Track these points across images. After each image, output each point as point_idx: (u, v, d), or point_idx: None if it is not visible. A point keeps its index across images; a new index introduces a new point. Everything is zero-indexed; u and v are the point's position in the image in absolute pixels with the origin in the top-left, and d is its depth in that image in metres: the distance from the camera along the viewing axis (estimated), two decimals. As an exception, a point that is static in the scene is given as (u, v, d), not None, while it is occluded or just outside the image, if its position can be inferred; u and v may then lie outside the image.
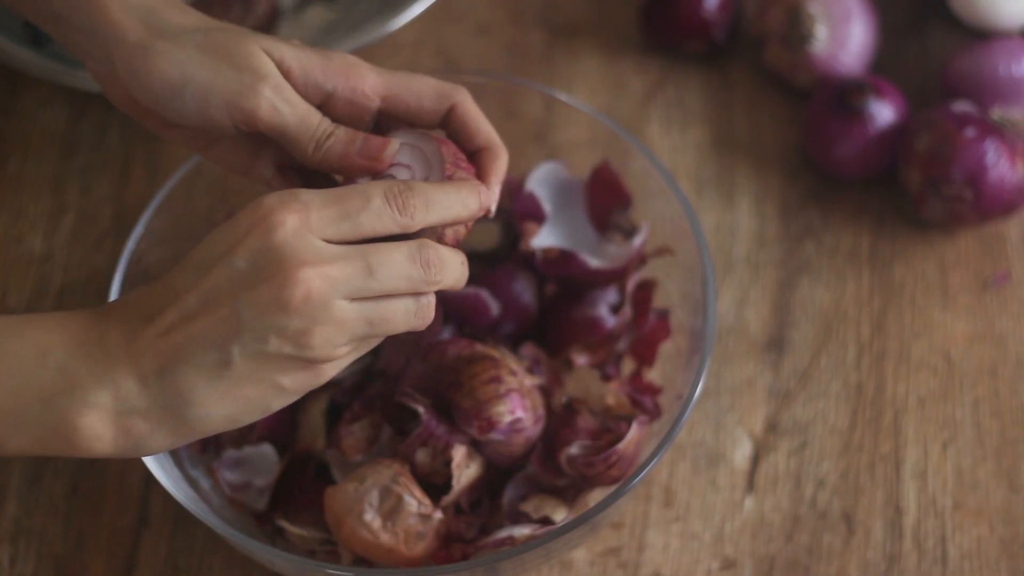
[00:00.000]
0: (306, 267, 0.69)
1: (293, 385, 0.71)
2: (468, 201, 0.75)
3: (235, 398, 0.70)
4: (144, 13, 0.76)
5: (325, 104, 0.78)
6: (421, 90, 0.79)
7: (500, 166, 0.79)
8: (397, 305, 0.72)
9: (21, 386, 0.69)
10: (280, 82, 0.76)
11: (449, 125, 0.79)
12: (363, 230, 0.71)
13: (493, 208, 0.77)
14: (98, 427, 0.69)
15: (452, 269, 0.74)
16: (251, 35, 0.77)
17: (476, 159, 0.79)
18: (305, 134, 0.76)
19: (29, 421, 0.69)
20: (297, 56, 0.77)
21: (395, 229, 0.72)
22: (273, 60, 0.76)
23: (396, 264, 0.71)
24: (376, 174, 0.76)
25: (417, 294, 0.73)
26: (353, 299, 0.70)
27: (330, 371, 0.72)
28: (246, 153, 0.80)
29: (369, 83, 0.78)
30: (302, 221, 0.69)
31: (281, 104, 0.76)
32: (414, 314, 0.73)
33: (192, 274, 0.70)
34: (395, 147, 0.76)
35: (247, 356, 0.69)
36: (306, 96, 0.77)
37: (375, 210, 0.71)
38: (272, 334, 0.69)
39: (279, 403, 0.71)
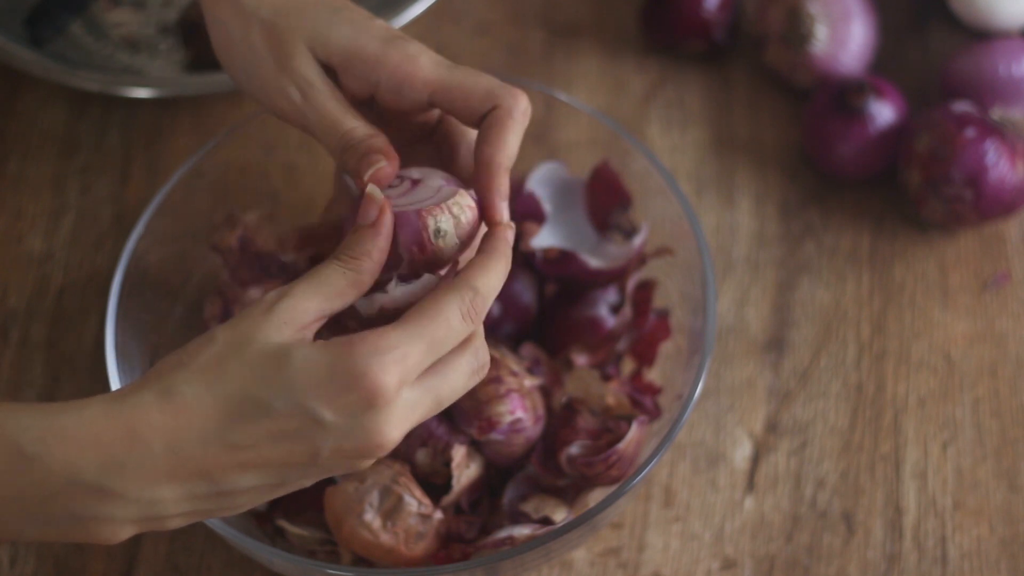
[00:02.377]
0: (396, 430, 0.68)
1: (363, 465, 0.70)
2: (506, 269, 0.74)
3: (272, 496, 0.70)
4: None
5: (377, 92, 0.77)
6: (472, 88, 0.77)
7: (499, 184, 0.77)
8: (456, 368, 0.71)
9: (47, 497, 0.66)
10: (312, 86, 0.76)
11: (480, 125, 0.77)
12: (444, 352, 0.70)
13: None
14: (118, 532, 0.68)
15: (487, 349, 0.73)
16: (309, 24, 0.76)
17: (476, 161, 0.77)
18: (330, 141, 0.76)
19: (53, 526, 0.68)
20: (348, 49, 0.76)
21: (463, 339, 0.71)
22: (319, 58, 0.76)
23: (461, 387, 0.71)
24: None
25: (474, 359, 0.72)
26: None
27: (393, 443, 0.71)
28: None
29: (421, 76, 0.76)
30: (402, 379, 0.68)
31: (308, 111, 0.76)
32: (472, 374, 0.72)
33: (267, 407, 0.67)
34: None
35: (308, 478, 0.69)
36: (354, 89, 0.77)
37: (455, 333, 0.70)
38: (339, 471, 0.69)
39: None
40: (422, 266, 0.73)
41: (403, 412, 0.68)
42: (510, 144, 0.76)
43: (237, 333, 0.68)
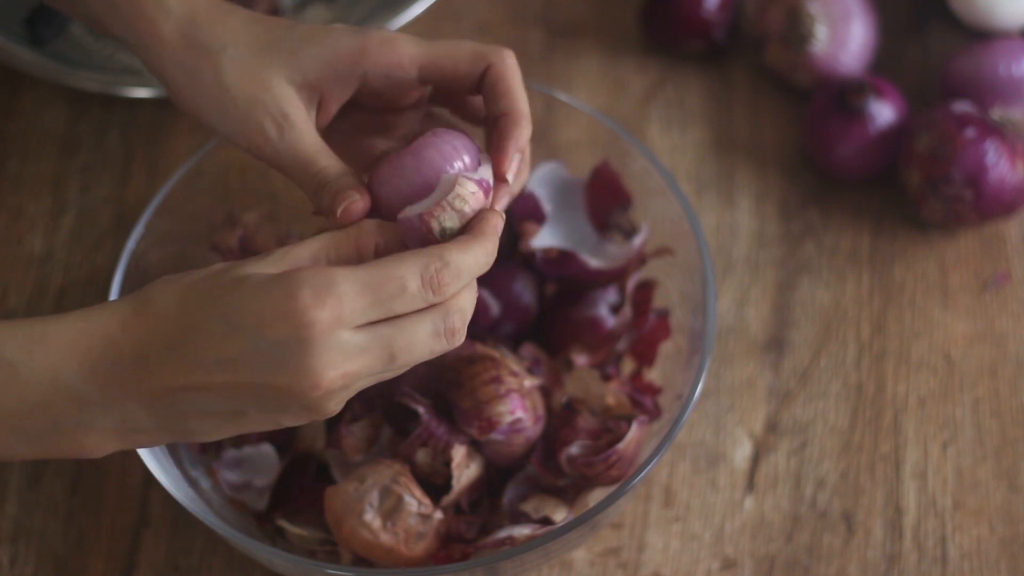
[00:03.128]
0: (330, 369, 0.68)
1: (293, 422, 0.71)
2: (490, 252, 0.73)
3: (235, 431, 0.71)
4: (184, 24, 0.77)
5: (364, 86, 0.78)
6: (457, 54, 0.77)
7: (519, 135, 0.77)
8: (418, 327, 0.70)
9: (31, 407, 0.69)
10: (287, 120, 0.77)
11: (483, 89, 0.78)
12: (394, 313, 0.69)
13: (511, 180, 0.76)
14: (101, 443, 0.71)
15: (469, 312, 0.72)
16: (282, 54, 0.77)
17: (495, 126, 0.77)
18: (304, 180, 0.77)
19: (36, 437, 0.70)
20: (325, 58, 0.77)
21: (424, 306, 0.70)
22: (298, 83, 0.77)
23: (420, 344, 0.70)
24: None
25: (434, 319, 0.71)
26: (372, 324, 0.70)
27: (330, 412, 0.71)
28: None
29: (406, 56, 0.77)
30: (335, 318, 0.68)
31: (282, 149, 0.77)
32: (436, 336, 0.71)
33: (216, 326, 0.69)
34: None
35: (262, 411, 0.70)
36: (340, 96, 0.78)
37: (410, 296, 0.69)
38: (293, 404, 0.69)
39: (273, 428, 0.72)
40: None
41: (340, 354, 0.68)
42: (521, 92, 0.77)
43: (232, 264, 0.71)
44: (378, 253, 0.72)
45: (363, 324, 0.69)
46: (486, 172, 0.75)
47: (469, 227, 0.73)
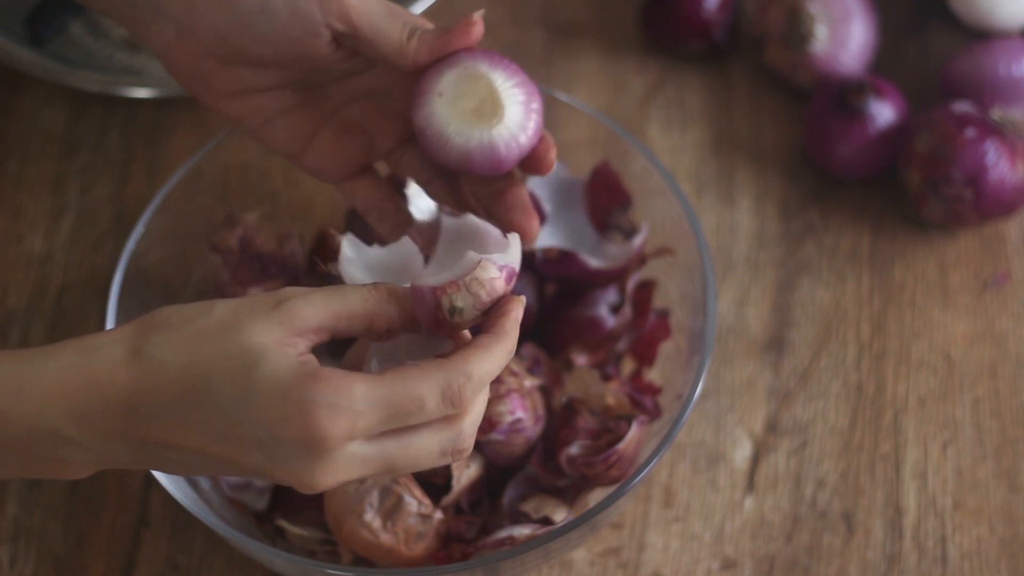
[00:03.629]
0: (329, 476, 0.67)
1: (287, 483, 0.70)
2: (510, 352, 0.70)
3: (219, 474, 0.72)
4: None
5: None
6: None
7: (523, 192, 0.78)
8: (420, 442, 0.69)
9: (11, 441, 0.68)
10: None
11: None
12: (407, 425, 0.68)
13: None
14: (81, 470, 0.70)
15: (479, 420, 0.71)
16: None
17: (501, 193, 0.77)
18: (397, 23, 0.74)
19: (17, 465, 0.70)
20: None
21: (439, 417, 0.68)
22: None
23: (424, 461, 0.69)
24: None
25: (441, 438, 0.69)
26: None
27: (326, 486, 0.70)
28: (307, 126, 0.78)
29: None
30: (347, 433, 0.66)
31: (362, 24, 0.74)
32: (440, 453, 0.69)
33: (223, 405, 0.67)
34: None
35: (245, 473, 0.69)
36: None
37: (427, 413, 0.67)
38: (273, 483, 0.70)
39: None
40: (441, 334, 0.71)
41: (342, 465, 0.67)
42: None
43: (233, 316, 0.67)
44: (390, 330, 0.70)
45: (373, 435, 0.67)
46: (512, 258, 0.71)
47: (490, 322, 0.70)
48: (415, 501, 0.82)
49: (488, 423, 0.83)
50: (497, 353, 0.69)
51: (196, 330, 0.68)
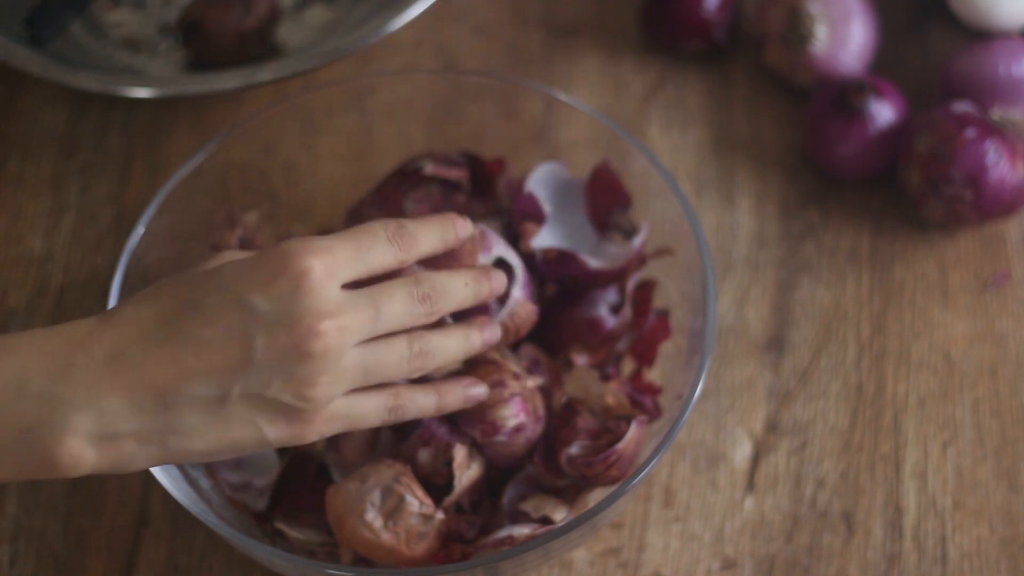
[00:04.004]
0: (328, 319, 0.71)
1: (275, 437, 0.73)
2: (446, 232, 0.79)
3: (219, 437, 0.72)
4: None
5: None
6: None
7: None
8: (392, 349, 0.75)
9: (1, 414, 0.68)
10: None
11: None
12: (373, 267, 0.74)
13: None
14: (78, 452, 0.69)
15: (454, 294, 0.78)
16: None
17: None
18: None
19: (8, 451, 0.69)
20: None
21: (394, 264, 0.76)
22: None
23: (399, 302, 0.75)
24: None
25: (410, 339, 0.76)
26: (358, 344, 0.73)
27: (311, 435, 0.74)
28: None
29: None
30: (327, 267, 0.71)
31: None
32: (407, 360, 0.76)
33: (207, 302, 0.70)
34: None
35: (245, 397, 0.71)
36: None
37: (381, 246, 0.74)
38: (277, 378, 0.71)
39: (255, 451, 0.74)
40: None
41: (334, 305, 0.71)
42: None
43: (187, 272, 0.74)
44: None
45: (349, 282, 0.72)
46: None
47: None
48: (416, 501, 0.82)
49: (491, 427, 0.83)
50: (429, 223, 0.78)
51: (154, 287, 0.72)
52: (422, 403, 0.79)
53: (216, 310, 0.70)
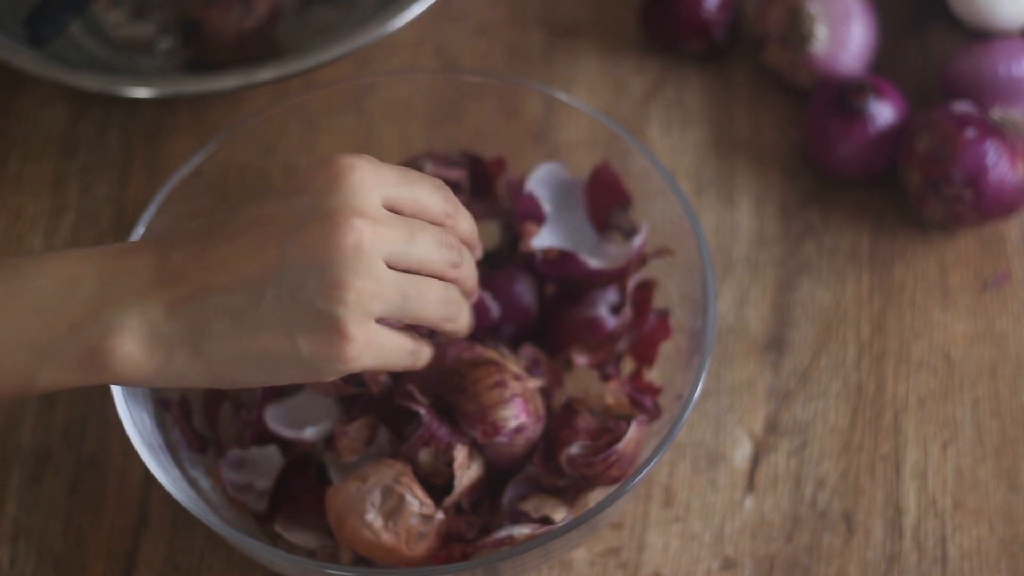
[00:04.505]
0: (363, 217, 0.70)
1: (308, 351, 0.71)
2: (475, 231, 0.81)
3: (251, 344, 0.71)
4: None
5: None
6: None
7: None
8: (431, 285, 0.74)
9: (50, 318, 0.69)
10: None
11: None
12: (416, 200, 0.74)
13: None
14: (125, 351, 0.70)
15: (468, 263, 0.78)
16: None
17: None
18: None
19: (59, 352, 0.69)
20: None
21: (435, 211, 0.76)
22: None
23: (430, 237, 0.74)
24: None
25: (446, 284, 0.76)
26: (392, 266, 0.72)
27: (346, 357, 0.71)
28: None
29: None
30: (371, 173, 0.72)
31: None
32: (444, 302, 0.75)
33: (241, 213, 0.72)
34: None
35: (278, 299, 0.70)
36: None
37: (427, 188, 0.76)
38: (311, 278, 0.70)
39: (289, 370, 0.72)
40: None
41: (372, 208, 0.72)
42: None
43: None
44: None
45: (389, 206, 0.73)
46: None
47: None
48: (417, 501, 0.82)
49: (492, 427, 0.83)
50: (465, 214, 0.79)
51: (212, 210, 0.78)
52: (427, 355, 0.79)
53: (256, 214, 0.71)
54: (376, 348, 0.72)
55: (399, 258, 0.72)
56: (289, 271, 0.70)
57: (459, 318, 0.78)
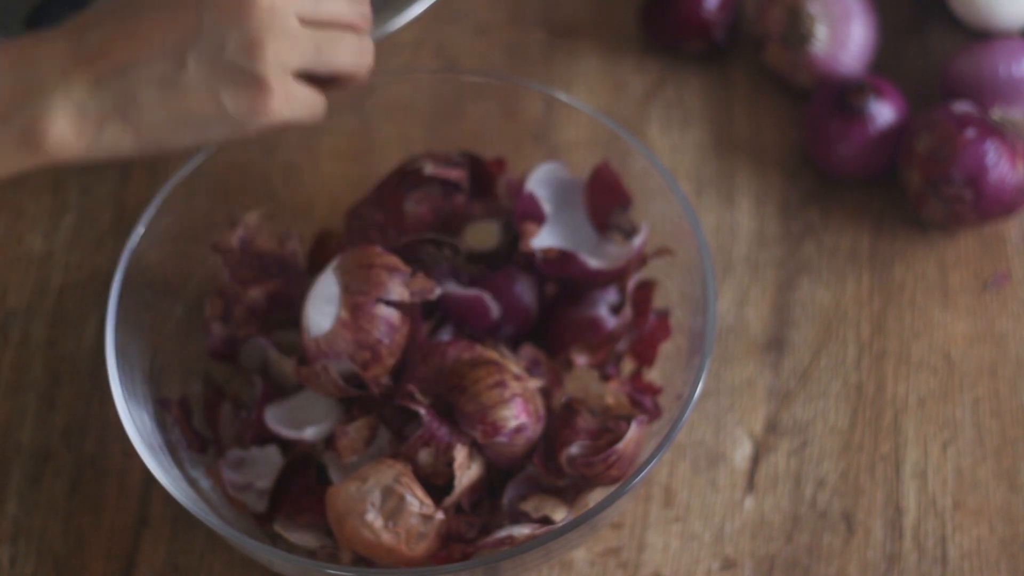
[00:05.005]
0: (275, 41, 0.74)
1: (234, 107, 0.75)
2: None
3: (178, 107, 0.75)
4: None
5: None
6: None
7: None
8: (342, 37, 0.78)
9: None
10: None
11: None
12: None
13: None
14: (59, 130, 0.73)
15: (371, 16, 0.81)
16: None
17: None
18: None
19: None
20: None
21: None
22: None
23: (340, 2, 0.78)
24: None
25: (357, 32, 0.79)
26: (305, 21, 0.76)
27: (271, 109, 0.75)
28: None
29: None
30: None
31: None
32: (357, 52, 0.78)
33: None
34: None
35: (200, 63, 0.74)
36: None
37: None
38: (230, 40, 0.73)
39: (215, 127, 0.75)
40: None
41: (279, 29, 0.74)
42: None
43: None
44: None
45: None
46: None
47: None
48: (417, 501, 0.82)
49: (492, 427, 0.83)
50: None
51: None
52: (325, 106, 0.81)
53: None
54: (294, 100, 0.76)
55: (310, 13, 0.76)
56: (208, 35, 0.73)
57: (368, 64, 0.81)
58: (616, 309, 0.91)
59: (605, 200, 0.92)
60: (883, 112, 1.00)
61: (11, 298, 0.98)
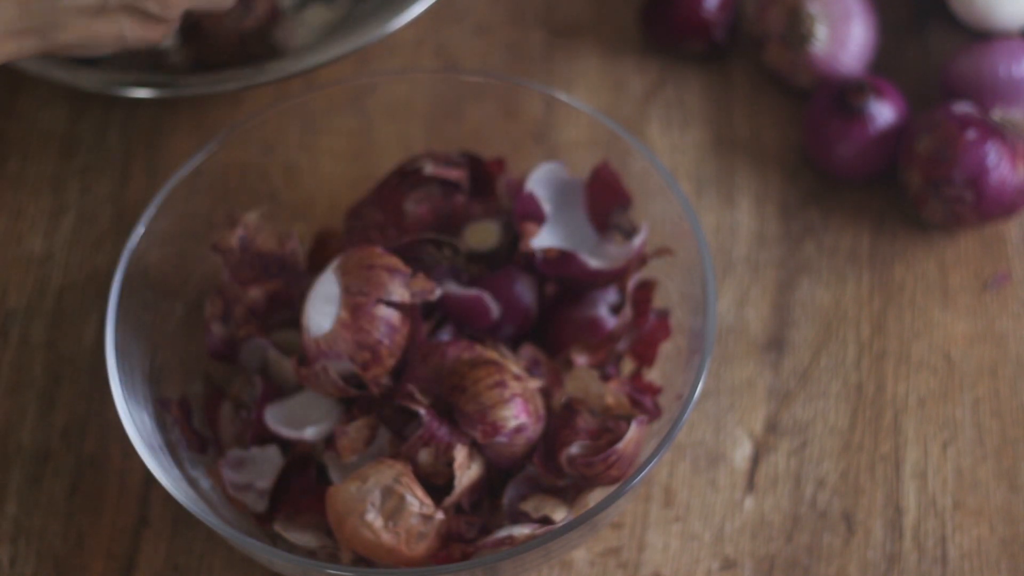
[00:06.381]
0: None
1: (132, 36, 0.86)
2: None
3: (86, 32, 0.84)
4: None
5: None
6: None
7: None
8: None
9: None
10: None
11: None
12: None
13: None
14: None
15: None
16: None
17: None
18: None
19: None
20: None
21: None
22: None
23: None
24: None
25: None
26: None
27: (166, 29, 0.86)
28: None
29: None
30: None
31: None
32: None
33: None
34: None
35: (123, 7, 0.84)
36: None
37: None
38: None
39: (111, 46, 0.86)
40: None
41: None
42: None
43: None
44: None
45: None
46: None
47: None
48: (417, 501, 0.82)
49: (493, 427, 0.83)
50: None
51: None
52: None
53: None
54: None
55: None
56: None
57: None
58: (616, 309, 0.91)
59: (605, 200, 0.92)
60: (883, 112, 1.00)
61: (11, 298, 0.98)
